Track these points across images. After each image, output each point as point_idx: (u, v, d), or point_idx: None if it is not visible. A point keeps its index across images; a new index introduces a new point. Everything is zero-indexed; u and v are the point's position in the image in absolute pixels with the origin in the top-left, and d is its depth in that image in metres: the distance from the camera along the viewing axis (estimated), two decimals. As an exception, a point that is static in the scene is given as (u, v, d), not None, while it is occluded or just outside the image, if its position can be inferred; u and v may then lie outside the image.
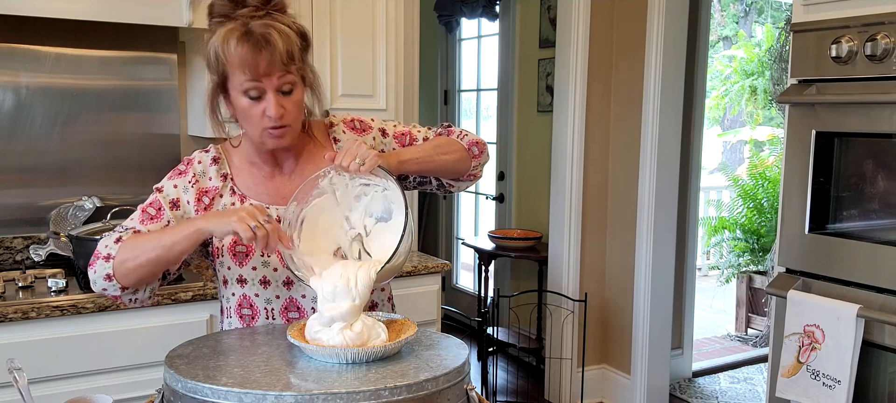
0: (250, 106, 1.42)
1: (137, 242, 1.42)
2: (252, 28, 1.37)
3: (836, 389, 2.12)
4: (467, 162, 1.64)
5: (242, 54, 1.36)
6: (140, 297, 1.49)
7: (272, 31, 1.37)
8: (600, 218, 3.86)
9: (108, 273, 1.42)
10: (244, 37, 1.37)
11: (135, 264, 1.41)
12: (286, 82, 1.42)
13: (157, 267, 1.42)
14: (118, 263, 1.41)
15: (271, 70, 1.38)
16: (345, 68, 2.69)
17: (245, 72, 1.38)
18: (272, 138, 1.45)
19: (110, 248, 1.43)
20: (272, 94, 1.41)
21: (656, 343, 3.71)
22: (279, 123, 1.42)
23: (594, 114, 3.74)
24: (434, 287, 2.73)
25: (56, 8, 2.17)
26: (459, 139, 1.65)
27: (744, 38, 9.28)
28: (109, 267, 1.42)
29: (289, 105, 1.43)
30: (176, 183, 1.53)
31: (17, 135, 2.52)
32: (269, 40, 1.37)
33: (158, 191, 1.53)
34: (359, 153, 1.39)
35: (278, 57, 1.37)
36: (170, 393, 1.19)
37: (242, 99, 1.42)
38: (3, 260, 2.52)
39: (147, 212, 1.50)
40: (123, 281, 1.43)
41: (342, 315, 1.26)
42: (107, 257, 1.43)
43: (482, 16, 4.93)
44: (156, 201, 1.51)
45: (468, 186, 1.72)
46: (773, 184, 5.78)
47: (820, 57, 2.21)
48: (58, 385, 2.05)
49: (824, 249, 2.24)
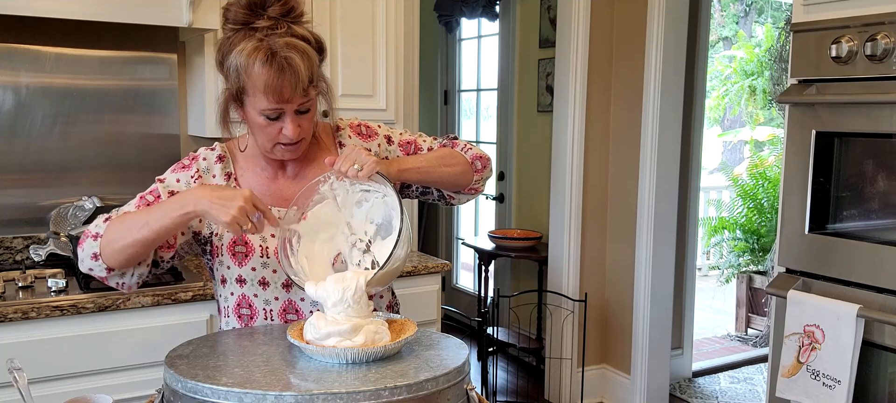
0: (267, 124, 1.42)
1: (124, 220, 1.41)
2: (275, 49, 1.36)
3: (836, 389, 2.12)
4: (469, 175, 1.63)
5: (267, 80, 1.36)
6: (126, 281, 1.47)
7: (294, 56, 1.36)
8: (600, 219, 3.86)
9: (94, 251, 1.41)
10: (268, 61, 1.35)
11: (121, 244, 1.39)
12: (306, 104, 1.42)
13: (142, 247, 1.39)
14: (105, 242, 1.40)
15: (294, 97, 1.39)
16: (345, 68, 2.69)
17: (268, 97, 1.37)
18: (285, 152, 1.47)
19: (99, 227, 1.43)
20: (290, 117, 1.41)
21: (656, 344, 3.71)
22: (295, 141, 1.44)
23: (594, 114, 3.74)
24: (434, 287, 2.73)
25: (56, 8, 2.17)
26: (463, 152, 1.65)
27: (744, 38, 9.28)
28: (97, 246, 1.41)
29: (305, 123, 1.44)
30: (179, 177, 1.53)
31: (17, 135, 2.52)
32: (292, 65, 1.36)
33: (160, 181, 1.53)
34: (358, 159, 1.39)
35: (301, 83, 1.37)
36: (170, 393, 1.19)
37: (260, 117, 1.42)
38: (3, 260, 2.52)
39: (145, 199, 1.50)
40: (109, 262, 1.41)
41: (340, 331, 1.26)
42: (95, 236, 1.42)
43: (482, 16, 4.93)
44: (155, 190, 1.51)
45: (469, 200, 1.72)
46: (773, 184, 5.78)
47: (820, 57, 2.21)
48: (58, 385, 2.05)
49: (824, 249, 2.24)
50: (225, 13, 1.42)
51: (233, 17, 1.40)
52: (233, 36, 1.40)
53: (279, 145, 1.45)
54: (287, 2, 1.40)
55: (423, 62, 3.50)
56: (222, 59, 1.42)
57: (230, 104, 1.46)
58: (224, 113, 1.47)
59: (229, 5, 1.42)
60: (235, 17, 1.40)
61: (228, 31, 1.41)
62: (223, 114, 1.47)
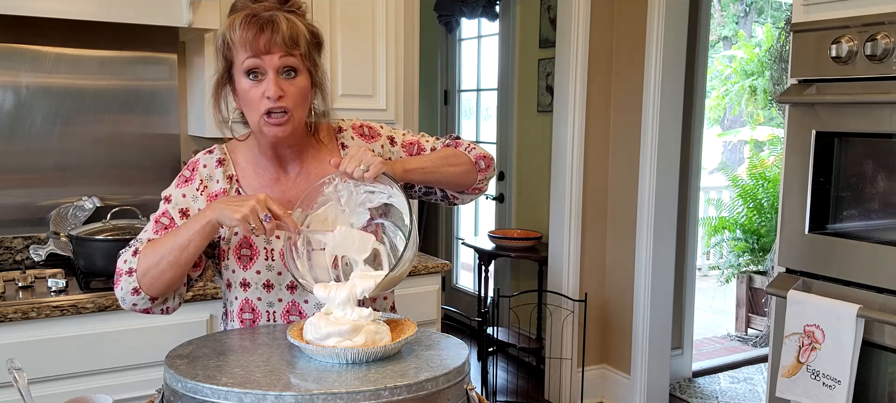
0: (251, 87, 1.41)
1: (155, 248, 1.41)
2: (259, 12, 1.40)
3: (836, 389, 2.12)
4: (473, 175, 1.63)
5: (245, 34, 1.38)
6: (170, 305, 1.49)
7: (278, 15, 1.40)
8: (600, 219, 3.86)
9: (134, 287, 1.41)
10: (249, 18, 1.39)
11: (158, 271, 1.39)
12: (287, 64, 1.41)
13: (177, 269, 1.40)
14: (141, 274, 1.40)
15: (272, 48, 1.39)
16: (345, 68, 2.69)
17: (246, 48, 1.39)
18: (270, 126, 1.43)
19: (130, 262, 1.42)
20: (272, 73, 1.40)
21: (656, 344, 3.71)
22: (278, 106, 1.41)
23: (594, 114, 3.74)
24: (434, 287, 2.73)
25: (56, 8, 2.17)
26: (467, 152, 1.64)
27: (744, 38, 9.28)
28: (134, 281, 1.41)
29: (290, 89, 1.42)
30: (184, 192, 1.52)
31: (17, 135, 2.52)
32: (273, 21, 1.38)
33: (167, 201, 1.52)
34: (364, 159, 1.38)
35: (281, 36, 1.38)
36: (170, 393, 1.19)
37: (244, 80, 1.42)
38: (3, 260, 2.52)
39: (160, 222, 1.50)
40: (150, 292, 1.42)
41: (341, 332, 1.26)
42: (129, 271, 1.41)
43: (482, 16, 4.93)
44: (166, 212, 1.51)
45: (472, 200, 1.72)
46: (773, 184, 5.78)
47: (820, 57, 2.20)
48: (58, 385, 2.05)
49: (824, 249, 2.24)
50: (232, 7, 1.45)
51: (239, 6, 1.44)
52: None
53: (265, 119, 1.42)
54: None
55: (423, 62, 3.50)
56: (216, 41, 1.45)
57: (223, 84, 1.47)
58: (217, 93, 1.48)
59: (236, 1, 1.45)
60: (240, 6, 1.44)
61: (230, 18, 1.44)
62: (216, 95, 1.48)
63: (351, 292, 1.32)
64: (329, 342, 1.25)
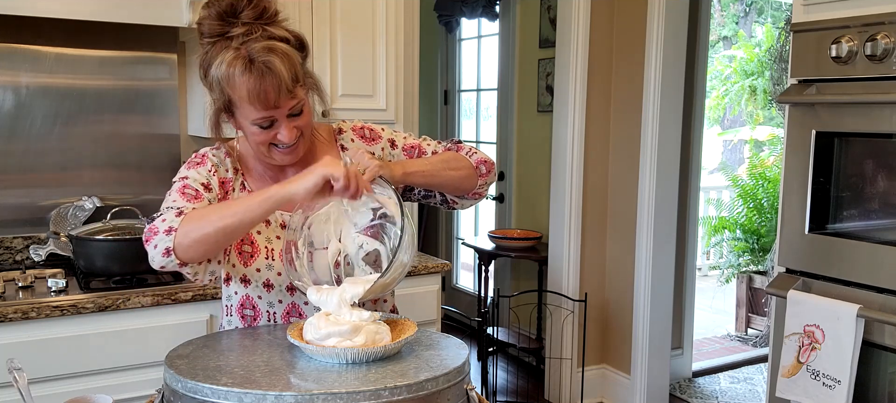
0: (261, 132, 1.41)
1: (203, 213, 1.35)
2: (253, 56, 1.34)
3: (836, 389, 2.12)
4: (474, 179, 1.62)
5: (249, 88, 1.34)
6: (199, 276, 1.41)
7: (273, 59, 1.35)
8: (600, 218, 3.86)
9: (168, 246, 1.33)
10: (248, 69, 1.34)
11: (200, 234, 1.32)
12: (296, 106, 1.41)
13: (224, 237, 1.34)
14: (181, 235, 1.33)
15: (281, 101, 1.38)
16: (345, 68, 2.69)
17: (255, 106, 1.37)
18: (282, 157, 1.46)
19: (171, 221, 1.35)
20: (284, 121, 1.40)
21: (656, 343, 3.71)
22: (291, 144, 1.43)
23: (594, 114, 3.74)
24: (434, 287, 2.73)
25: (56, 8, 2.17)
26: (468, 156, 1.63)
27: (744, 38, 9.28)
28: (170, 241, 1.33)
29: (301, 124, 1.44)
30: (199, 171, 1.50)
31: (17, 135, 2.52)
32: (272, 69, 1.34)
33: (184, 179, 1.48)
34: (361, 161, 1.38)
35: (285, 85, 1.36)
36: (170, 393, 1.19)
37: (253, 127, 1.41)
38: (3, 260, 2.52)
39: (186, 193, 1.43)
40: (184, 256, 1.34)
41: (341, 332, 1.26)
42: (168, 230, 1.34)
43: (482, 16, 4.93)
44: (189, 184, 1.46)
45: (472, 205, 1.70)
46: (773, 184, 5.78)
47: (820, 57, 2.20)
48: (58, 385, 2.05)
49: (824, 249, 2.24)
50: (199, 27, 1.40)
51: (207, 31, 1.39)
52: (210, 49, 1.38)
53: (278, 152, 1.45)
54: (258, 4, 1.38)
55: (423, 62, 3.50)
56: (204, 74, 1.41)
57: (221, 114, 1.44)
58: (215, 125, 1.46)
59: (202, 19, 1.40)
60: (210, 29, 1.38)
61: (206, 45, 1.39)
62: (214, 126, 1.46)
63: (341, 298, 1.32)
64: (329, 342, 1.25)
